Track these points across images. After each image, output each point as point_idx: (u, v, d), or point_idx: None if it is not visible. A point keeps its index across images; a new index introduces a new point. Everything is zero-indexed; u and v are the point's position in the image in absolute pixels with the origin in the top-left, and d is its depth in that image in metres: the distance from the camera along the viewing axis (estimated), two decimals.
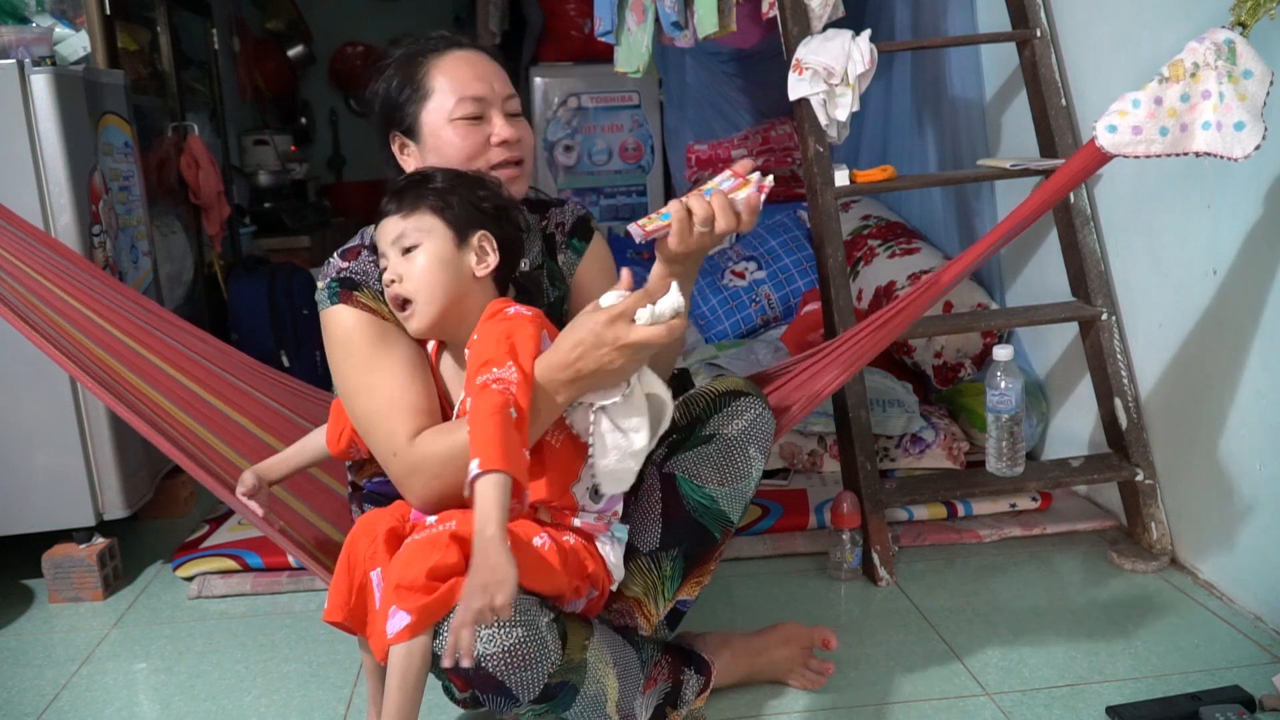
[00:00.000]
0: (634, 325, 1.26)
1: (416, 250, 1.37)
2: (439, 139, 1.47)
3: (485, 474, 1.15)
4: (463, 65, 1.49)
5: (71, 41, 2.45)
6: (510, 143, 1.49)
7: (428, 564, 1.23)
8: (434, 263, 1.37)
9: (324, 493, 1.86)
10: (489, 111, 1.48)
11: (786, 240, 3.48)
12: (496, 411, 1.20)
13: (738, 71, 3.87)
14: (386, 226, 1.40)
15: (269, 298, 3.44)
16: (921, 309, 1.74)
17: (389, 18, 6.33)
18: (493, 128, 1.48)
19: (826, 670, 1.68)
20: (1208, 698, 1.55)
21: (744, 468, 1.53)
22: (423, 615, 1.22)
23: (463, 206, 1.39)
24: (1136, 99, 1.55)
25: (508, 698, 1.26)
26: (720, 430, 1.53)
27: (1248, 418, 1.84)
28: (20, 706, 1.75)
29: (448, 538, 1.25)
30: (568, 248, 1.64)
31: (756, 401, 1.56)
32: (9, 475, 2.10)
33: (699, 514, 1.52)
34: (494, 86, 1.49)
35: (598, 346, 1.26)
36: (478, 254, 1.39)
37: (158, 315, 1.84)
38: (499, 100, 1.49)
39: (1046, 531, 2.25)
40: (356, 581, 1.34)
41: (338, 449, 1.53)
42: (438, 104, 1.47)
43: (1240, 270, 1.83)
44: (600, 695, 1.36)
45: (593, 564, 1.39)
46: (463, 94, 1.47)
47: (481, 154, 1.48)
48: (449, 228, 1.38)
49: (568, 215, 1.66)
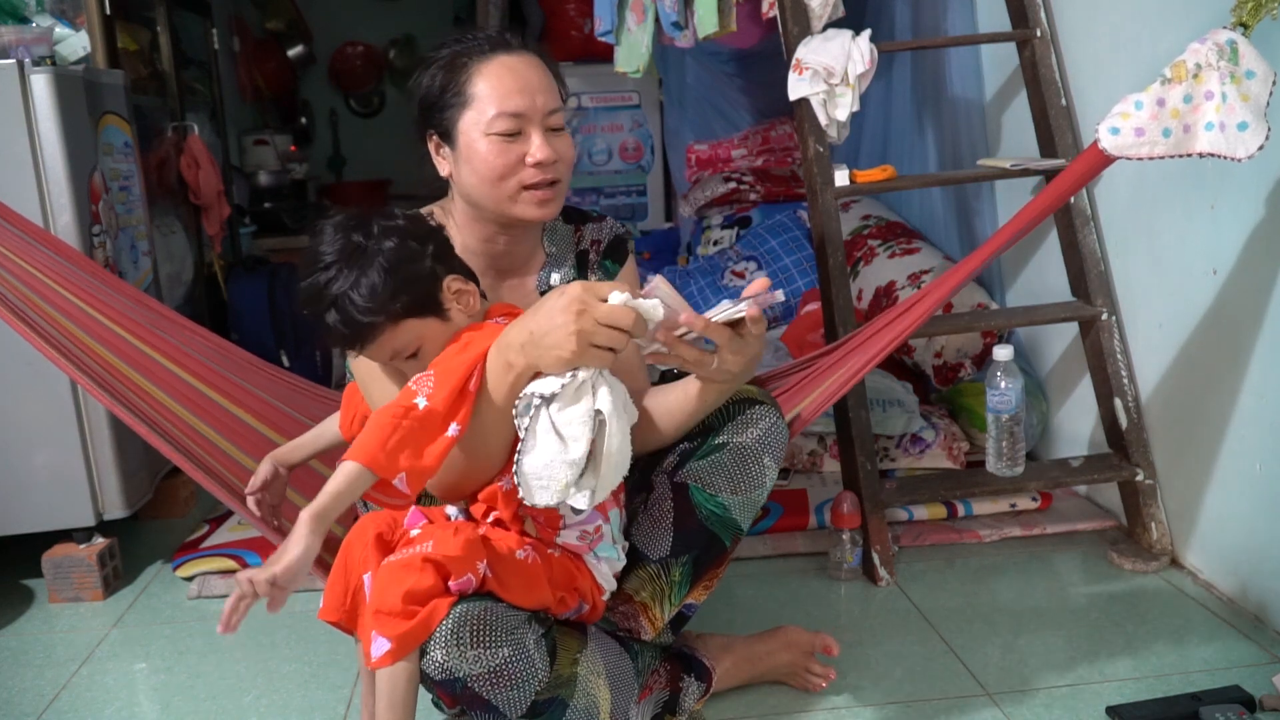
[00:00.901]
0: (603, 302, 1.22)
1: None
2: (473, 151, 1.42)
3: (340, 462, 1.19)
4: (506, 74, 1.42)
5: (71, 41, 2.45)
6: (545, 163, 1.42)
7: (403, 589, 1.22)
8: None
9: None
10: (527, 128, 1.42)
11: (786, 240, 3.48)
12: (385, 413, 1.22)
13: (738, 71, 3.87)
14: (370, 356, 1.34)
15: (269, 298, 3.44)
16: (928, 313, 1.74)
17: (389, 18, 6.33)
18: (529, 145, 1.42)
19: (828, 676, 1.68)
20: (1208, 698, 1.55)
21: (758, 477, 1.50)
22: (402, 642, 1.22)
23: (409, 287, 1.29)
24: (1139, 100, 1.55)
25: (495, 715, 1.26)
26: (734, 439, 1.49)
27: (1248, 418, 1.84)
28: (20, 706, 1.75)
29: (420, 561, 1.24)
30: (600, 267, 1.61)
31: (770, 410, 1.52)
32: (9, 475, 2.10)
33: (710, 522, 1.50)
34: (537, 100, 1.42)
35: (555, 311, 1.21)
36: (458, 301, 1.34)
37: (158, 313, 1.84)
38: (539, 115, 1.42)
39: (1046, 531, 2.25)
40: (352, 584, 1.34)
41: (350, 434, 1.53)
42: (475, 113, 1.41)
43: (1241, 270, 1.83)
44: (592, 707, 1.35)
45: (581, 578, 1.39)
46: (501, 108, 1.40)
47: (514, 173, 1.42)
48: (421, 317, 1.32)
49: (605, 234, 1.62)
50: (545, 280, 1.57)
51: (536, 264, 1.58)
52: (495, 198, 1.44)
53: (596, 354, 1.22)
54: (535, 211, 1.45)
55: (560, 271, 1.57)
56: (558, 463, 1.22)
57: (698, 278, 3.44)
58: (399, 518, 1.38)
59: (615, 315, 1.21)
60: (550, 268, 1.58)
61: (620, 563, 1.46)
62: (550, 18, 4.56)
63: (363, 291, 1.27)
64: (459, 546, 1.25)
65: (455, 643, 1.22)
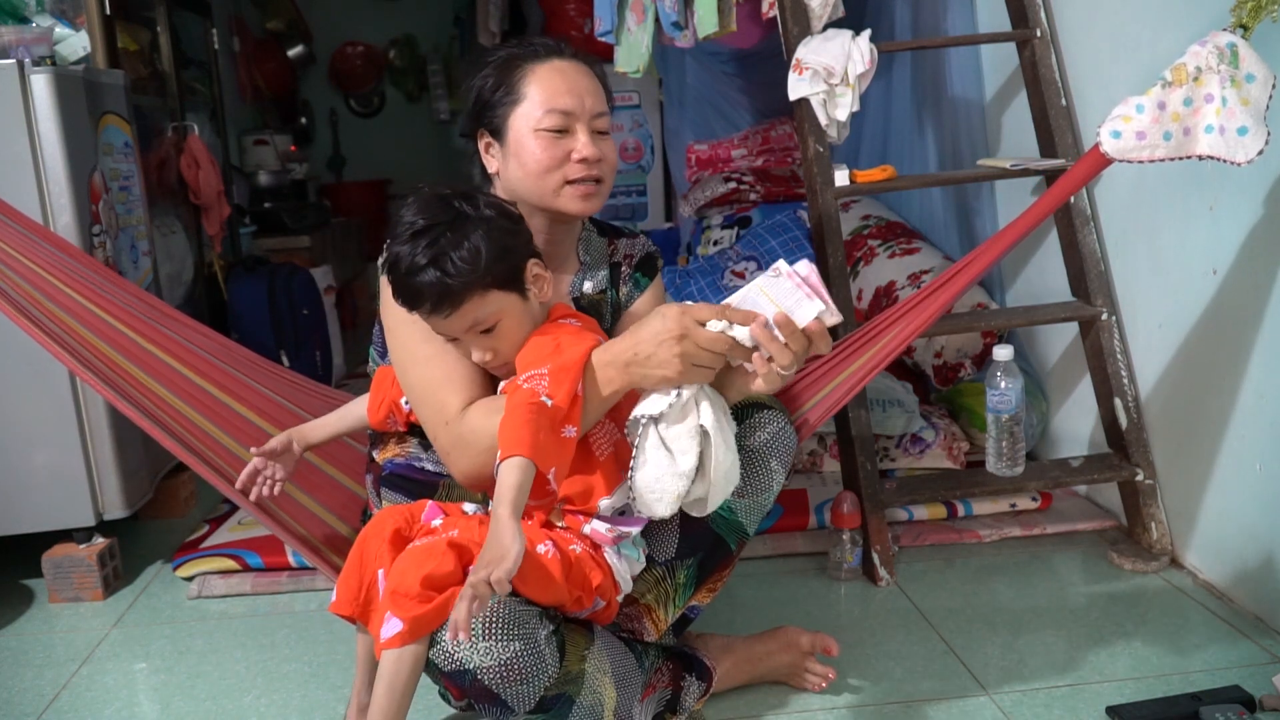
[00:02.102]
0: (702, 327, 1.29)
1: (496, 327, 1.36)
2: (521, 146, 1.46)
3: (505, 459, 1.20)
4: (557, 76, 1.47)
5: (71, 41, 2.45)
6: (590, 161, 1.46)
7: (423, 572, 1.24)
8: (516, 326, 1.37)
9: (332, 487, 1.86)
10: (575, 126, 1.46)
11: (786, 240, 3.47)
12: (523, 404, 1.24)
13: (738, 71, 3.87)
14: (445, 326, 1.36)
15: (269, 298, 3.44)
16: (934, 317, 1.74)
17: (389, 18, 6.34)
18: (576, 143, 1.46)
19: (828, 676, 1.68)
20: (1208, 698, 1.55)
21: (765, 480, 1.52)
22: (416, 624, 1.23)
23: (505, 257, 1.35)
24: (1140, 103, 1.55)
25: (503, 708, 1.27)
26: (742, 442, 1.50)
27: (1248, 418, 1.85)
28: (20, 706, 1.75)
29: (445, 546, 1.26)
30: (631, 280, 1.64)
31: (778, 415, 1.55)
32: (9, 475, 2.10)
33: (717, 525, 1.52)
34: (585, 102, 1.47)
35: (661, 334, 1.30)
36: (535, 285, 1.40)
37: (159, 310, 1.85)
38: (587, 116, 1.47)
39: (1046, 531, 2.25)
40: (366, 579, 1.36)
41: (376, 419, 1.56)
42: (526, 111, 1.46)
43: (1241, 270, 1.83)
44: (597, 704, 1.37)
45: (599, 575, 1.39)
46: (551, 105, 1.45)
47: (560, 167, 1.46)
48: (507, 290, 1.36)
49: (638, 250, 1.67)
50: (578, 286, 1.60)
51: (570, 269, 1.60)
52: (540, 191, 1.47)
53: (698, 373, 1.32)
54: (578, 205, 1.48)
55: (593, 280, 1.60)
56: (668, 475, 1.31)
57: (698, 278, 3.44)
58: (416, 513, 1.40)
59: (715, 341, 1.30)
60: (584, 274, 1.60)
61: (640, 565, 1.47)
62: (550, 18, 4.56)
63: (464, 254, 1.31)
64: (484, 535, 1.26)
65: None
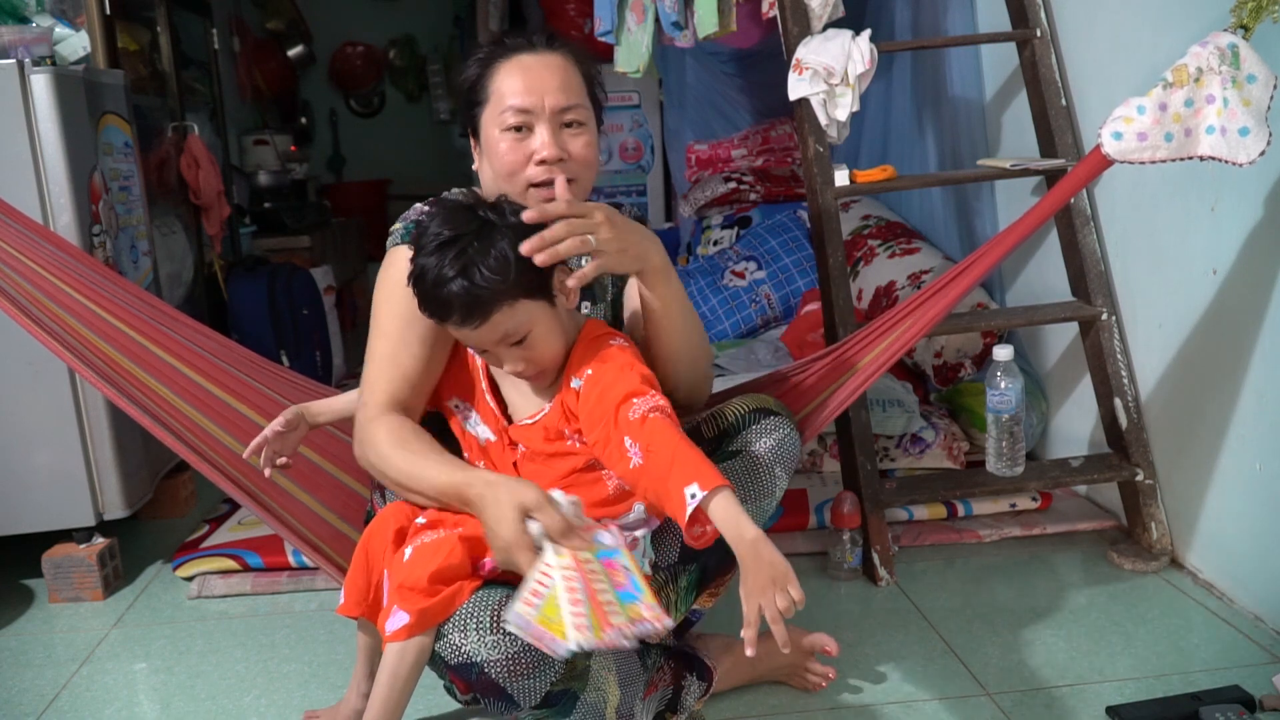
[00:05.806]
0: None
1: (527, 338, 1.32)
2: (490, 146, 1.43)
3: (713, 493, 1.18)
4: (518, 73, 1.42)
5: (71, 41, 2.45)
6: (550, 161, 1.40)
7: (431, 567, 1.24)
8: (547, 334, 1.33)
9: (334, 487, 1.86)
10: (535, 124, 1.40)
11: (786, 240, 3.47)
12: (684, 438, 1.23)
13: (738, 71, 3.87)
14: (475, 339, 1.32)
15: (269, 298, 3.44)
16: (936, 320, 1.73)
17: (389, 18, 6.34)
18: (534, 143, 1.41)
19: (828, 676, 1.68)
20: (1208, 698, 1.55)
21: (769, 486, 1.50)
22: (422, 617, 1.24)
23: (529, 268, 1.27)
24: (1141, 104, 1.55)
25: (509, 703, 1.27)
26: (747, 447, 1.49)
27: (1248, 418, 1.85)
28: (20, 706, 1.75)
29: (456, 540, 1.26)
30: None
31: (784, 421, 1.53)
32: (9, 475, 2.10)
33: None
34: (545, 99, 1.40)
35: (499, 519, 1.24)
36: (562, 292, 1.34)
37: (159, 309, 1.85)
38: (548, 112, 1.40)
39: (1046, 531, 2.25)
40: (374, 579, 1.36)
41: None
42: (491, 110, 1.43)
43: (1241, 270, 1.83)
44: (600, 701, 1.37)
45: None
46: (508, 103, 1.40)
47: (522, 169, 1.41)
48: (536, 299, 1.31)
49: None
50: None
51: None
52: (513, 192, 1.43)
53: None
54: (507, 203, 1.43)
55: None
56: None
57: (698, 278, 3.44)
58: (417, 511, 1.39)
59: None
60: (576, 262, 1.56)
61: (645, 570, 1.46)
62: (550, 18, 4.56)
63: (491, 263, 1.26)
64: None
65: (474, 626, 1.24)
